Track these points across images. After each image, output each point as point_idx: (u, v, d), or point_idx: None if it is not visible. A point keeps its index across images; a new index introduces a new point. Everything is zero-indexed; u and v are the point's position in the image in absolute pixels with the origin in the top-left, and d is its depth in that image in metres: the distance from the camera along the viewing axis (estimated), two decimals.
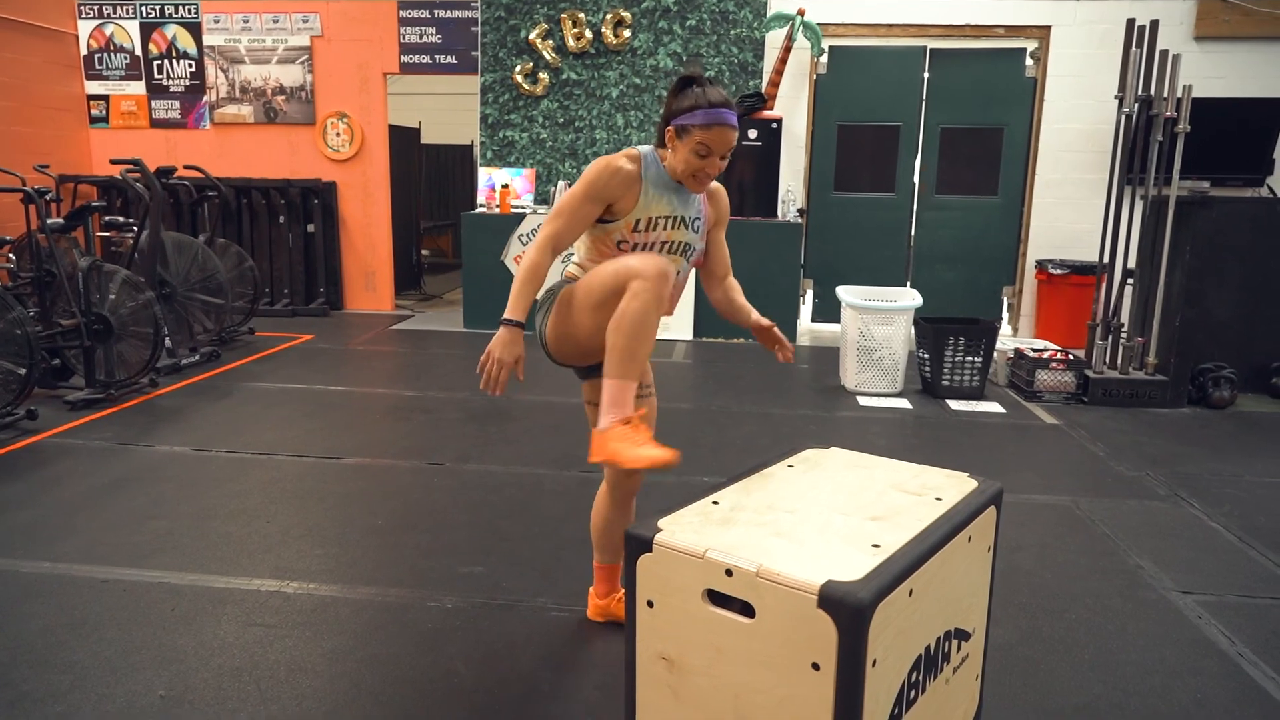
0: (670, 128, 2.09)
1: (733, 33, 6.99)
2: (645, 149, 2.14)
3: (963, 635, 1.85)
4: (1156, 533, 3.27)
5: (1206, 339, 5.11)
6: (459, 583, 2.79)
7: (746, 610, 1.54)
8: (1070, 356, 5.23)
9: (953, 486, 1.91)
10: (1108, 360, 5.21)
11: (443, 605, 2.64)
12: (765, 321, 2.38)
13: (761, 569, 1.51)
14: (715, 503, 1.81)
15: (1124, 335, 5.25)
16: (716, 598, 1.59)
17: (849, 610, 1.41)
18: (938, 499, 1.84)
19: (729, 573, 1.55)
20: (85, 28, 7.63)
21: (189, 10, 7.52)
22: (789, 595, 1.47)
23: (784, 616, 1.48)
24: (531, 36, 7.11)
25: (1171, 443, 4.40)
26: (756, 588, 1.51)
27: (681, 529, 1.68)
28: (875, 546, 1.60)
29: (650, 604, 1.68)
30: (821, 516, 1.74)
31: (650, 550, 1.66)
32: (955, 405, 5.04)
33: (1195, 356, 5.11)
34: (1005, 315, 7.28)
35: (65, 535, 3.09)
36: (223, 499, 3.45)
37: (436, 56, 7.37)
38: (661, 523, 1.70)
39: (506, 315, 2.06)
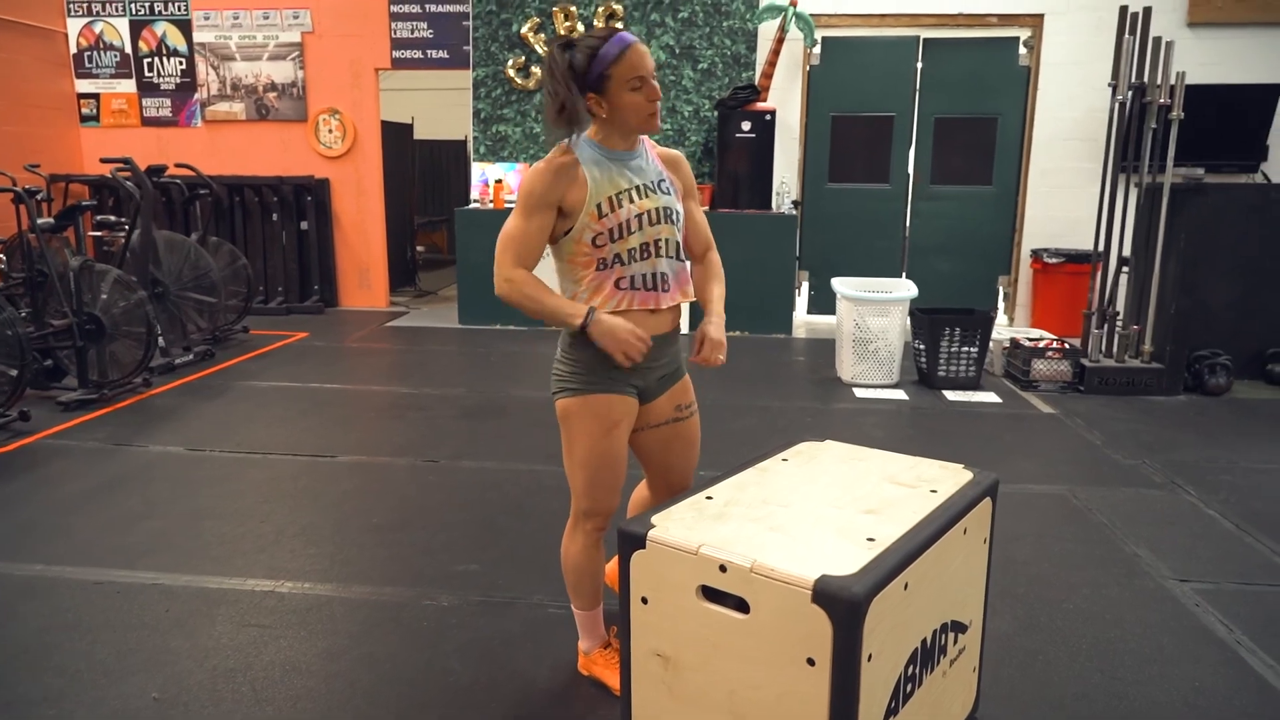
0: (589, 96, 1.89)
1: (725, 25, 6.95)
2: (572, 137, 1.96)
3: (959, 628, 1.85)
4: (1153, 521, 3.27)
5: (1202, 326, 5.11)
6: (455, 580, 2.78)
7: (741, 606, 1.53)
8: (1066, 345, 5.22)
9: (948, 478, 1.90)
10: (1103, 349, 5.20)
11: (438, 603, 2.63)
12: (709, 330, 2.05)
13: (755, 564, 1.50)
14: (709, 498, 1.80)
15: (1119, 323, 5.24)
16: (711, 593, 1.58)
17: (843, 605, 1.40)
18: (933, 491, 1.83)
19: (723, 568, 1.54)
20: (74, 25, 7.57)
21: (179, 7, 7.46)
22: (783, 590, 1.46)
23: (778, 612, 1.47)
24: (523, 30, 7.08)
25: (1168, 430, 4.39)
26: (751, 583, 1.50)
27: (675, 524, 1.67)
28: (870, 540, 1.59)
29: (644, 600, 1.67)
30: (816, 510, 1.73)
31: (644, 546, 1.65)
32: (951, 396, 5.03)
33: (1191, 344, 5.11)
34: (1001, 305, 7.27)
35: (58, 537, 3.08)
36: (217, 499, 3.43)
37: (428, 51, 7.33)
38: (655, 518, 1.69)
39: (580, 320, 1.90)
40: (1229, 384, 5.02)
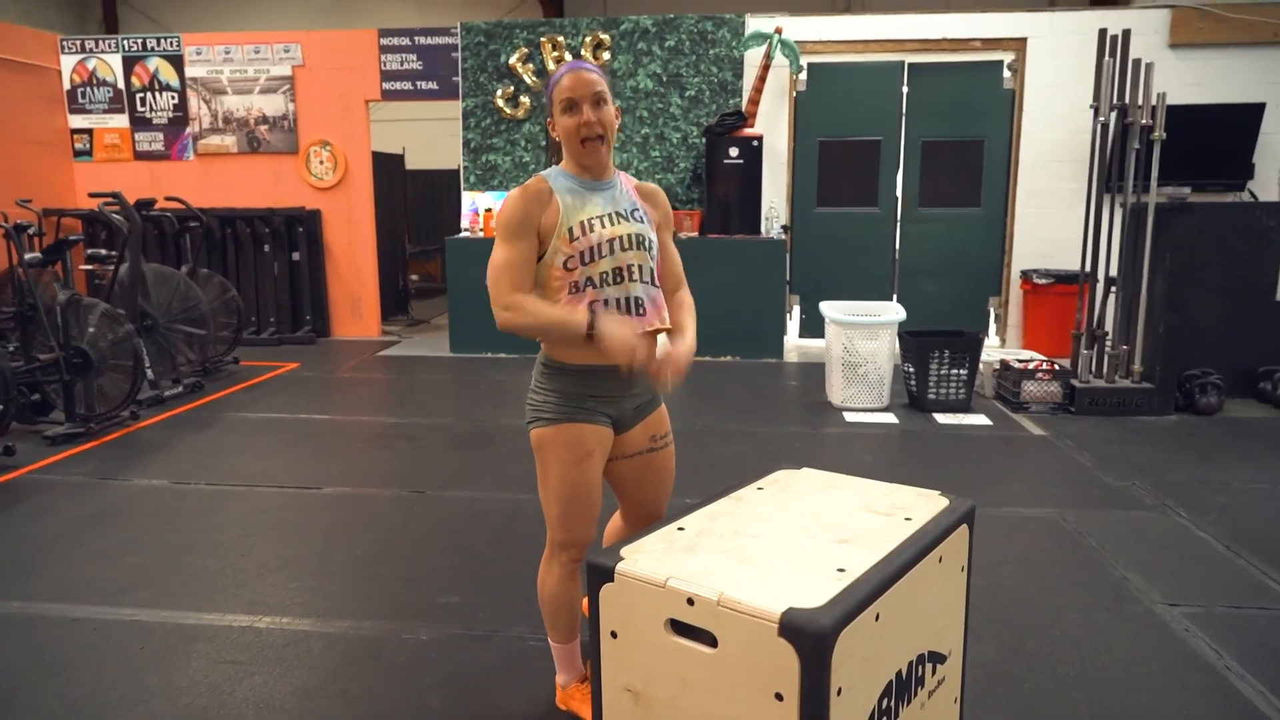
0: (548, 121, 2.01)
1: (712, 53, 7.02)
2: (547, 170, 2.04)
3: (938, 658, 1.82)
4: (1143, 544, 3.24)
5: (1191, 345, 5.10)
6: (436, 613, 2.75)
7: (710, 640, 1.51)
8: (1056, 366, 5.21)
9: (923, 505, 1.88)
10: (1093, 369, 5.19)
11: (418, 637, 2.60)
12: (675, 349, 2.02)
13: (723, 597, 1.48)
14: (680, 529, 1.78)
15: (1109, 344, 5.24)
16: (680, 627, 1.55)
17: (810, 638, 1.38)
18: (907, 519, 1.80)
19: (690, 601, 1.51)
20: (68, 62, 7.64)
21: (171, 43, 7.54)
22: (750, 624, 1.44)
23: (746, 646, 1.45)
24: (512, 61, 7.14)
25: (1159, 451, 4.37)
26: (718, 616, 1.48)
27: (644, 557, 1.64)
28: (840, 571, 1.56)
29: (614, 635, 1.65)
30: (788, 540, 1.71)
31: (612, 579, 1.62)
32: (941, 418, 5.01)
33: (1181, 363, 5.10)
34: (992, 326, 7.27)
35: (37, 573, 3.04)
36: (200, 533, 3.41)
37: (418, 83, 7.39)
38: (624, 550, 1.67)
39: (585, 326, 1.86)
40: (1220, 403, 5.01)
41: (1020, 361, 5.30)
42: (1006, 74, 6.89)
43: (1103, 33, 5.02)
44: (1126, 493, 3.78)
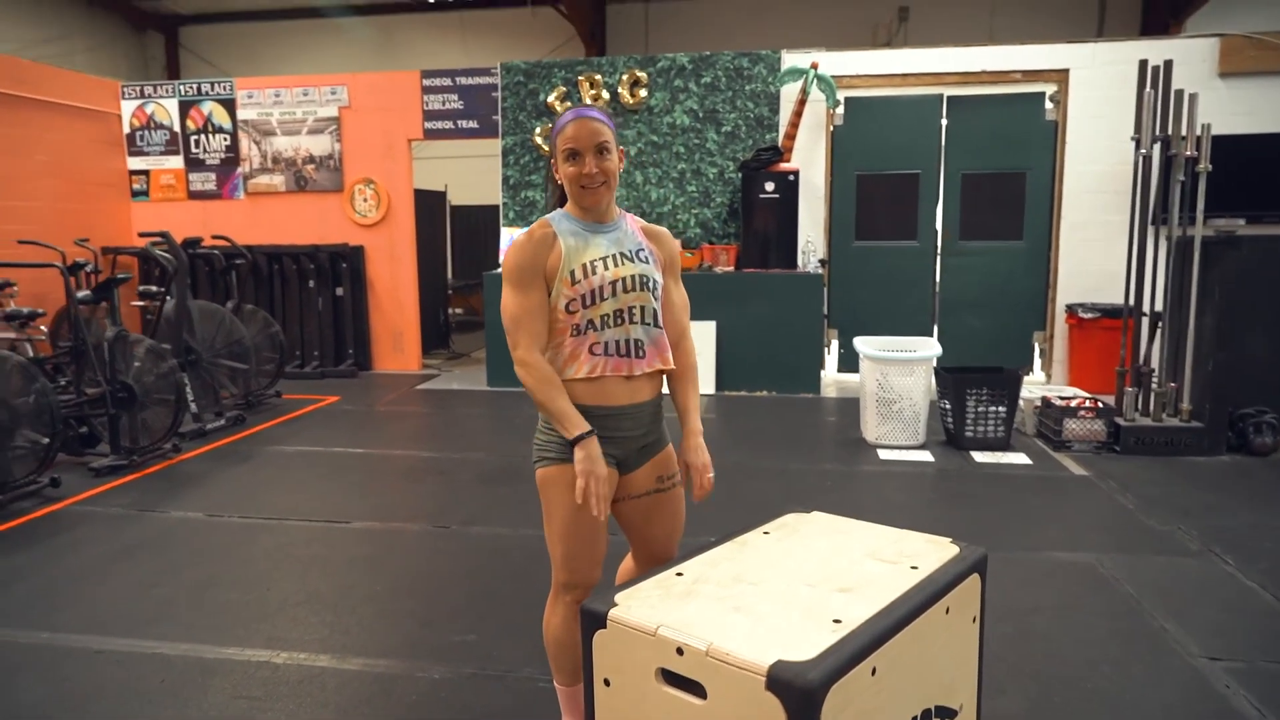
0: (552, 162, 2.01)
1: (748, 88, 7.05)
2: (552, 214, 2.05)
3: (946, 713, 1.75)
4: (1185, 592, 3.09)
5: (1243, 382, 4.90)
6: (451, 652, 2.74)
7: (701, 691, 1.47)
8: (1100, 404, 5.05)
9: (932, 553, 1.83)
10: (1139, 407, 5.02)
11: (430, 676, 2.59)
12: (691, 459, 2.04)
13: (712, 648, 1.45)
14: (679, 574, 1.75)
15: (1155, 381, 5.06)
16: (671, 677, 1.52)
17: (797, 693, 1.34)
18: (913, 567, 1.75)
19: (680, 651, 1.48)
20: (128, 107, 7.99)
21: (224, 87, 7.84)
22: (738, 676, 1.40)
23: (734, 698, 1.41)
24: (550, 99, 7.26)
25: (1207, 493, 4.19)
26: (706, 667, 1.45)
27: (638, 603, 1.62)
28: (836, 622, 1.52)
29: (607, 683, 1.62)
30: (787, 589, 1.67)
31: (605, 626, 1.60)
32: (979, 457, 4.88)
33: (1232, 401, 4.90)
34: (1038, 361, 7.10)
35: (67, 605, 3.12)
36: (228, 566, 3.46)
37: (459, 122, 7.56)
38: (618, 597, 1.65)
39: (573, 435, 1.91)
40: (1276, 443, 4.80)
41: (1062, 398, 5.15)
42: (1049, 105, 6.79)
43: (1143, 64, 4.92)
44: (1170, 538, 3.62)
